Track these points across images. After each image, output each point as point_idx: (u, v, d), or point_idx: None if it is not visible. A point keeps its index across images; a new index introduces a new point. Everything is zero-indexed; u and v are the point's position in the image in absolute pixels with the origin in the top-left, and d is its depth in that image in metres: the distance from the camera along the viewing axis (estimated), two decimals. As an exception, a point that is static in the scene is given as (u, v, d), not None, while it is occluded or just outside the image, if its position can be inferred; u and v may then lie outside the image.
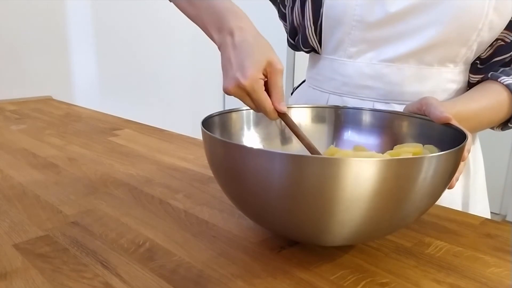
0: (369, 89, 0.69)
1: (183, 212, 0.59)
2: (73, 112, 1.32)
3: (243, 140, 0.60)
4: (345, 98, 0.71)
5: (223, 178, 0.47)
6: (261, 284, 0.43)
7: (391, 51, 0.66)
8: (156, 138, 1.01)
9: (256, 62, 0.49)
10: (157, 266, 0.45)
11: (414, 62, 0.66)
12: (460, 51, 0.64)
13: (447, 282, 0.44)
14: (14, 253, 0.47)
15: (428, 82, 0.67)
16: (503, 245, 0.51)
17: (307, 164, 0.38)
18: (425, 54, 0.65)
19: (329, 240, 0.45)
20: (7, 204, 0.61)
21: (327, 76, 0.73)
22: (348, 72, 0.70)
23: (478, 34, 0.62)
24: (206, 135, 0.46)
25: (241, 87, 0.49)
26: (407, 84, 0.67)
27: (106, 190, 0.67)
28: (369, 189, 0.38)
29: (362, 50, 0.68)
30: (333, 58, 0.72)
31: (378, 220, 0.41)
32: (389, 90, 0.67)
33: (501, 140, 2.14)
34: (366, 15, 0.65)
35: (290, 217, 0.42)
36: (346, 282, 0.43)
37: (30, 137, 0.98)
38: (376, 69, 0.68)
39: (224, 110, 0.58)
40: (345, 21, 0.67)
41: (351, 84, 0.70)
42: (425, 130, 0.56)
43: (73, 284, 0.42)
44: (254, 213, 0.47)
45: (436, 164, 0.40)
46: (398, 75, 0.67)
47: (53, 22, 1.70)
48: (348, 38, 0.68)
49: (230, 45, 0.52)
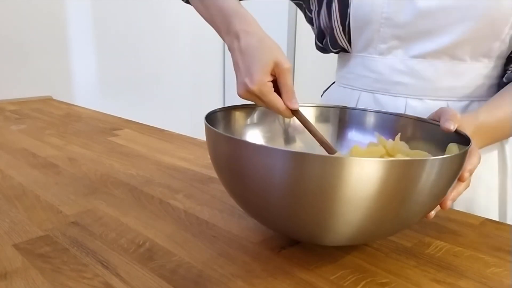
0: (401, 85, 0.68)
1: (183, 212, 0.59)
2: (73, 112, 1.32)
3: (246, 137, 0.60)
4: (377, 95, 0.71)
5: (225, 173, 0.47)
6: (261, 284, 0.43)
7: (422, 47, 0.66)
8: (156, 138, 1.01)
9: (262, 65, 0.50)
10: (157, 266, 0.45)
11: (446, 58, 0.65)
12: (493, 45, 0.64)
13: (447, 282, 0.44)
14: (14, 253, 0.47)
15: (462, 78, 0.66)
16: (503, 245, 0.51)
17: (309, 162, 0.38)
18: (457, 50, 0.64)
19: (331, 239, 0.45)
20: (7, 204, 0.61)
21: (359, 73, 0.73)
22: (379, 68, 0.70)
23: (511, 27, 0.62)
24: (209, 130, 0.46)
25: (251, 92, 0.50)
26: (441, 80, 0.66)
27: (106, 190, 0.67)
28: (371, 189, 0.38)
29: (393, 46, 0.68)
30: (364, 55, 0.71)
31: (381, 220, 0.41)
32: (422, 86, 0.67)
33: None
34: (394, 13, 0.65)
35: (292, 215, 0.42)
36: (346, 282, 0.43)
37: (30, 137, 0.98)
38: (408, 65, 0.67)
39: (228, 106, 0.58)
40: (374, 20, 0.66)
41: (383, 81, 0.70)
42: (430, 133, 0.55)
43: (73, 284, 0.42)
44: (256, 211, 0.47)
45: (439, 167, 0.40)
46: (430, 71, 0.66)
47: (53, 23, 1.70)
48: (378, 36, 0.68)
49: (236, 49, 0.52)
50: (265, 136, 0.61)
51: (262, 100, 0.51)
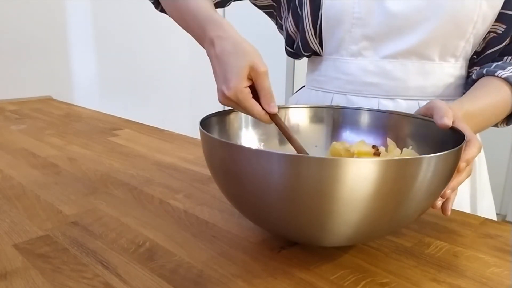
0: (373, 86, 0.69)
1: (183, 212, 0.59)
2: (73, 112, 1.32)
3: (241, 140, 0.60)
4: (350, 97, 0.72)
5: (221, 178, 0.47)
6: (261, 284, 0.43)
7: (392, 47, 0.67)
8: (156, 138, 1.01)
9: (237, 71, 0.49)
10: (157, 266, 0.45)
11: (416, 58, 0.67)
12: (459, 44, 0.66)
13: (447, 282, 0.44)
14: (14, 253, 0.47)
15: (431, 77, 0.68)
16: (503, 245, 0.51)
17: (305, 165, 0.38)
18: (426, 49, 0.66)
19: (328, 240, 0.45)
20: (7, 204, 0.61)
21: (331, 76, 0.74)
22: (351, 70, 0.71)
23: (474, 26, 0.64)
24: (204, 135, 0.46)
25: (228, 99, 0.49)
26: (411, 80, 0.68)
27: (106, 190, 0.67)
28: (367, 189, 0.38)
29: (364, 47, 0.69)
30: (336, 57, 0.72)
31: (377, 220, 0.41)
32: (394, 86, 0.68)
33: (501, 140, 2.14)
34: (365, 13, 0.66)
35: (288, 217, 0.42)
36: (346, 282, 0.43)
37: (30, 137, 0.98)
38: (379, 66, 0.68)
39: (222, 110, 0.58)
40: (345, 20, 0.68)
41: (356, 82, 0.71)
42: (423, 130, 0.56)
43: (73, 284, 0.42)
44: (252, 214, 0.47)
45: (435, 165, 0.40)
46: (401, 71, 0.68)
47: (53, 22, 1.70)
48: (349, 36, 0.69)
49: (213, 56, 0.52)
50: (260, 138, 0.61)
51: (240, 107, 0.50)
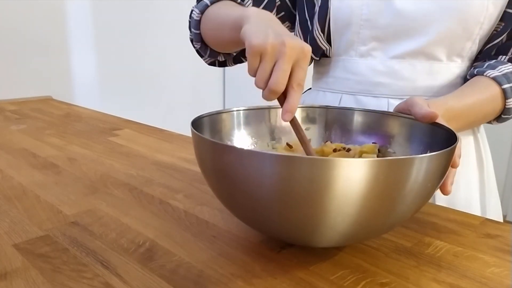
0: (383, 86, 0.70)
1: (183, 212, 0.59)
2: (73, 112, 1.32)
3: (234, 140, 0.59)
4: (359, 97, 0.72)
5: (213, 179, 0.46)
6: (261, 284, 0.43)
7: (401, 48, 0.68)
8: (156, 138, 1.01)
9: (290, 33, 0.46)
10: (157, 266, 0.45)
11: (424, 58, 0.68)
12: (465, 45, 0.67)
13: (447, 282, 0.43)
14: (14, 253, 0.47)
15: (438, 77, 0.69)
16: (503, 245, 0.51)
17: (297, 165, 0.38)
18: (434, 49, 0.67)
19: (321, 241, 0.45)
20: (7, 204, 0.61)
21: (340, 76, 0.74)
22: (361, 70, 0.71)
23: (481, 27, 0.65)
24: (195, 135, 0.46)
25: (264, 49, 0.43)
26: (419, 79, 0.69)
27: (106, 190, 0.67)
28: (360, 190, 0.38)
29: (373, 48, 0.70)
30: (345, 58, 0.73)
31: (370, 220, 0.41)
32: (403, 86, 0.69)
33: (500, 140, 2.14)
34: (373, 14, 0.67)
35: (281, 219, 0.42)
36: (346, 282, 0.43)
37: (30, 137, 0.98)
38: (388, 66, 0.69)
39: (214, 111, 0.57)
40: (353, 22, 0.68)
41: (365, 82, 0.71)
42: (415, 130, 0.56)
43: (73, 284, 0.42)
44: (246, 215, 0.47)
45: (427, 165, 0.40)
46: (410, 71, 0.69)
47: (53, 22, 1.70)
48: (358, 38, 0.69)
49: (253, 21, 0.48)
50: (253, 137, 0.61)
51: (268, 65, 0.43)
